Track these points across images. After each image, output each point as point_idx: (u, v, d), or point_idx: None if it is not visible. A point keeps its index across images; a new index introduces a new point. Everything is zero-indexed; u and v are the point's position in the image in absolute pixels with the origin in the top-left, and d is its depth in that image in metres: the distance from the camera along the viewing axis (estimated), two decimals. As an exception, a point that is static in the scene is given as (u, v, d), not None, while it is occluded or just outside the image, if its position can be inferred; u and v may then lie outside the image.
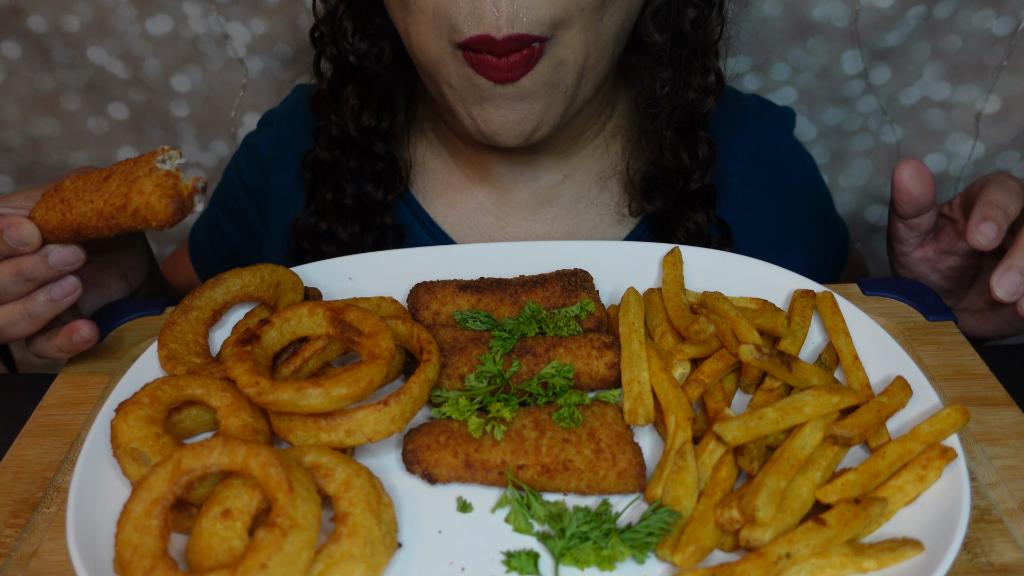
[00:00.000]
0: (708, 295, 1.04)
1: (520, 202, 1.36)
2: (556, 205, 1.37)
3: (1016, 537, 0.84)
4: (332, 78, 1.30)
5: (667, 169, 1.29)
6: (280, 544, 0.71)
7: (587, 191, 1.37)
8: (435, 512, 0.86)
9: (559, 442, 0.88)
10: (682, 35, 1.20)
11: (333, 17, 1.26)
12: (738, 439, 0.83)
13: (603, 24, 1.09)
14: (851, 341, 0.99)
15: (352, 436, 0.84)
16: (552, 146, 1.32)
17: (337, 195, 1.33)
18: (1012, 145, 1.75)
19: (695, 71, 1.23)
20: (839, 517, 0.77)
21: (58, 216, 0.96)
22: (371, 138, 1.31)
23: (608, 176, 1.37)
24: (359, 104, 1.29)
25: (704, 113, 1.27)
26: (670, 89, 1.23)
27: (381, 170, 1.34)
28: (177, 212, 0.91)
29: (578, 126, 1.30)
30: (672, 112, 1.25)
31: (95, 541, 0.79)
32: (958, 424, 0.86)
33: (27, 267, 0.99)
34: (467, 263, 1.15)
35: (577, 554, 0.79)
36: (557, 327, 1.02)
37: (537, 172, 1.34)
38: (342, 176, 1.33)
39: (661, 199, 1.32)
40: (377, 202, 1.34)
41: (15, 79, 1.76)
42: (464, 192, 1.38)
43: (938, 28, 1.63)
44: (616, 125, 1.37)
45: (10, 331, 1.04)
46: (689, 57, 1.22)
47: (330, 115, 1.31)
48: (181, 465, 0.77)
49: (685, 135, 1.28)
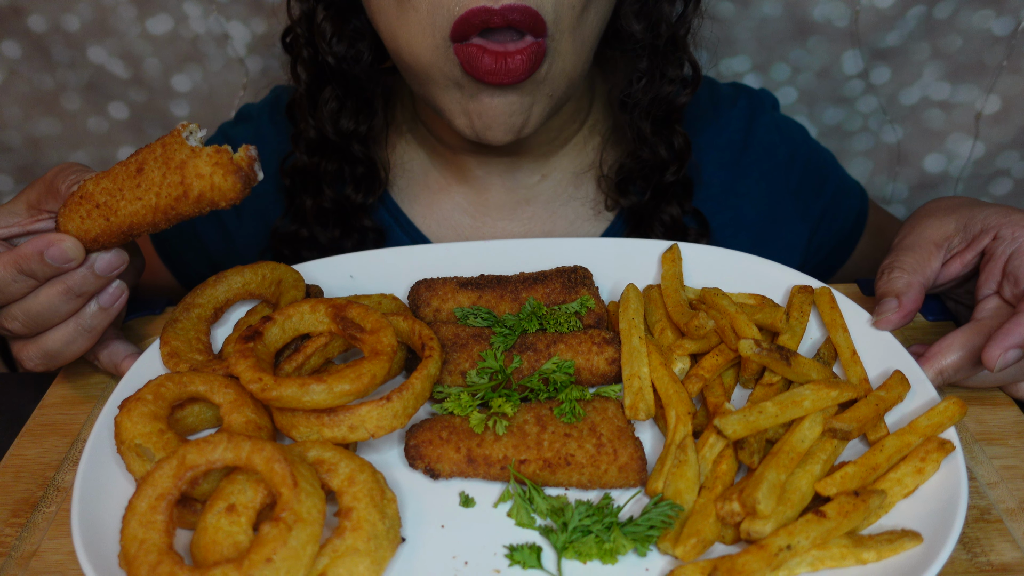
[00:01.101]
0: (707, 291, 1.04)
1: (497, 202, 1.36)
2: (533, 204, 1.37)
3: (1015, 537, 0.85)
4: (309, 81, 1.28)
5: (643, 162, 1.29)
6: (285, 538, 0.71)
7: (564, 189, 1.37)
8: (438, 507, 0.86)
9: (560, 437, 0.88)
10: (658, 25, 1.20)
11: (310, 19, 1.24)
12: (738, 433, 0.84)
13: (587, 25, 1.08)
14: (849, 336, 1.00)
15: (355, 432, 0.84)
16: (532, 147, 1.31)
17: (317, 199, 1.32)
18: (1012, 145, 1.75)
19: (671, 62, 1.23)
20: (838, 509, 0.78)
21: (101, 223, 0.92)
22: (350, 141, 1.30)
23: (583, 172, 1.37)
24: (337, 107, 1.28)
25: (680, 105, 1.27)
26: (647, 81, 1.23)
27: (360, 173, 1.33)
28: (246, 186, 0.89)
29: (557, 126, 1.30)
30: (649, 105, 1.24)
31: (100, 537, 0.79)
32: (956, 417, 0.87)
33: (76, 283, 0.94)
34: (468, 260, 1.16)
35: (579, 547, 0.79)
36: (558, 323, 1.03)
37: (516, 173, 1.34)
38: (321, 180, 1.32)
39: (636, 193, 1.32)
40: (357, 205, 1.33)
41: (15, 79, 1.76)
42: (441, 192, 1.38)
43: (938, 28, 1.63)
44: (594, 121, 1.37)
45: (69, 351, 0.99)
46: (665, 48, 1.22)
47: (308, 119, 1.29)
48: (185, 461, 0.77)
49: (661, 127, 1.28)
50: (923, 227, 1.09)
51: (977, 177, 1.80)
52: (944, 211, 1.10)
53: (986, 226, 1.05)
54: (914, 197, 1.85)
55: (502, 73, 1.03)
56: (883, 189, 1.86)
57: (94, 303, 0.97)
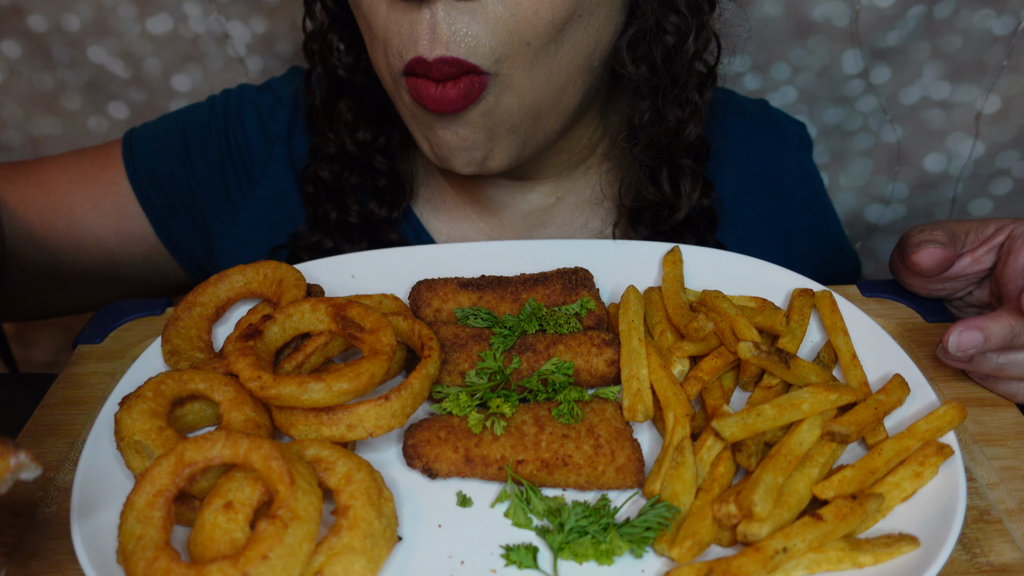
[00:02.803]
0: (707, 293, 1.04)
1: (512, 224, 1.35)
2: (548, 227, 1.36)
3: (1015, 537, 0.85)
4: (325, 95, 1.28)
5: (650, 201, 1.26)
6: (281, 536, 0.71)
7: (578, 214, 1.36)
8: (435, 506, 0.86)
9: (558, 438, 0.88)
10: (658, 66, 1.14)
11: (321, 33, 1.24)
12: (736, 435, 0.84)
13: (558, 59, 1.04)
14: (849, 339, 1.00)
15: (353, 430, 0.85)
16: (541, 171, 1.30)
17: (341, 213, 1.31)
18: (1012, 145, 1.75)
19: (672, 101, 1.18)
20: (836, 513, 0.78)
21: None
22: (371, 153, 1.29)
23: (599, 200, 1.34)
24: (353, 118, 1.27)
25: (686, 143, 1.21)
26: (648, 119, 1.18)
27: (384, 186, 1.31)
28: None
29: (567, 149, 1.28)
30: (650, 143, 1.20)
31: (98, 532, 0.79)
32: (955, 421, 0.87)
33: None
34: (468, 261, 1.16)
35: (576, 548, 0.80)
36: (557, 324, 1.03)
37: (528, 196, 1.33)
38: (344, 193, 1.31)
39: (648, 227, 1.29)
40: (382, 219, 1.31)
41: (15, 78, 1.77)
42: (458, 211, 1.37)
43: (938, 28, 1.63)
44: (607, 147, 1.34)
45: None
46: (666, 89, 1.17)
47: (326, 133, 1.28)
48: (184, 458, 0.77)
49: (668, 165, 1.24)
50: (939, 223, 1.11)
51: (977, 177, 1.80)
52: (950, 222, 1.12)
53: (999, 227, 1.08)
54: (914, 197, 1.85)
55: (440, 100, 1.01)
56: (883, 189, 1.86)
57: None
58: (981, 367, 0.98)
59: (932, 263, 1.07)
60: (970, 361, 0.98)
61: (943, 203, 1.85)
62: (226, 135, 1.40)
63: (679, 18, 1.12)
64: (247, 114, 1.40)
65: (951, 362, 0.99)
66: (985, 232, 1.09)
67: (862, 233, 1.94)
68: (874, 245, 1.95)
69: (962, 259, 1.09)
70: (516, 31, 0.99)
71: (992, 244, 1.08)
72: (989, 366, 0.98)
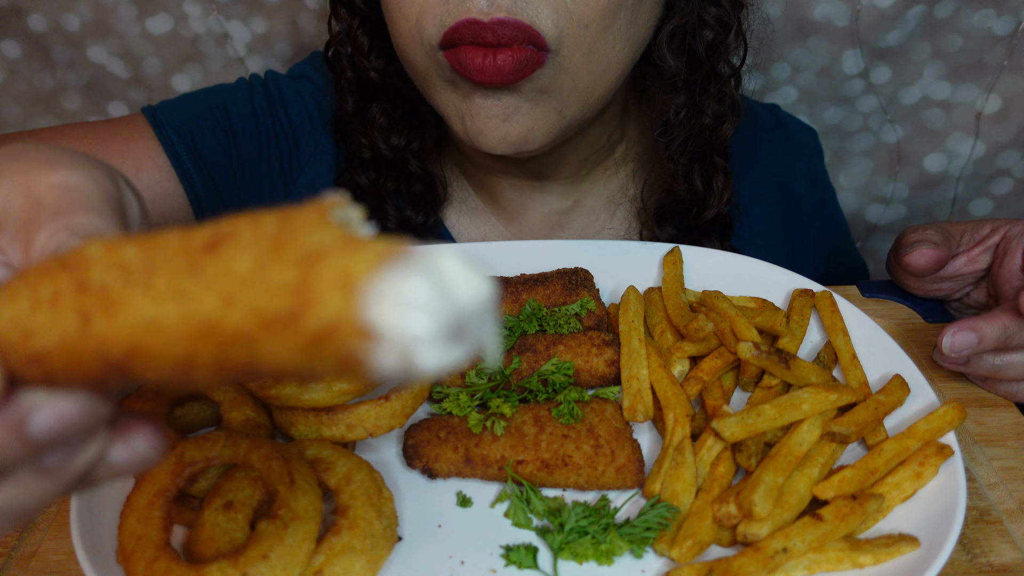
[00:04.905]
0: (708, 294, 1.04)
1: (531, 227, 1.34)
2: (567, 230, 1.35)
3: (1015, 538, 0.84)
4: (356, 100, 1.24)
5: (680, 197, 1.24)
6: (281, 536, 0.71)
7: (597, 216, 1.34)
8: (435, 506, 0.86)
9: (558, 438, 0.88)
10: (698, 60, 1.13)
11: (349, 35, 1.20)
12: (736, 436, 0.84)
13: (615, 49, 1.01)
14: (849, 340, 1.00)
15: (353, 430, 0.85)
16: (559, 170, 1.29)
17: (380, 219, 1.28)
18: (1012, 145, 1.75)
19: (710, 97, 1.16)
20: (836, 513, 0.78)
21: (73, 327, 0.43)
22: (405, 156, 1.26)
23: (619, 202, 1.33)
24: (387, 122, 1.24)
25: (721, 140, 1.20)
26: (684, 115, 1.16)
27: (419, 191, 1.29)
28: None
29: (585, 147, 1.26)
30: (686, 139, 1.18)
31: (98, 532, 0.79)
32: (955, 422, 0.87)
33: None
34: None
35: (576, 548, 0.80)
36: (557, 325, 1.03)
37: (546, 197, 1.32)
38: (382, 199, 1.28)
39: (674, 227, 1.27)
40: (419, 226, 1.29)
41: (15, 78, 1.77)
42: (480, 213, 1.36)
43: (938, 28, 1.63)
44: (627, 148, 1.33)
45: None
46: (704, 83, 1.16)
47: (360, 139, 1.25)
48: (184, 457, 0.77)
49: (700, 162, 1.23)
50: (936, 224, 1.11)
51: (977, 177, 1.80)
52: (946, 222, 1.12)
53: (995, 227, 1.07)
54: (914, 197, 1.85)
55: (490, 71, 0.95)
56: (883, 189, 1.86)
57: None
58: (977, 369, 0.98)
59: (924, 263, 1.07)
60: (967, 364, 0.98)
61: (943, 203, 1.85)
62: (272, 116, 1.33)
63: (719, 11, 1.12)
64: (291, 98, 1.35)
65: (948, 365, 0.99)
66: (981, 232, 1.09)
67: (862, 233, 1.94)
68: (874, 245, 1.95)
69: (957, 259, 1.09)
70: (575, 9, 0.95)
71: (988, 244, 1.08)
72: (985, 368, 0.98)
